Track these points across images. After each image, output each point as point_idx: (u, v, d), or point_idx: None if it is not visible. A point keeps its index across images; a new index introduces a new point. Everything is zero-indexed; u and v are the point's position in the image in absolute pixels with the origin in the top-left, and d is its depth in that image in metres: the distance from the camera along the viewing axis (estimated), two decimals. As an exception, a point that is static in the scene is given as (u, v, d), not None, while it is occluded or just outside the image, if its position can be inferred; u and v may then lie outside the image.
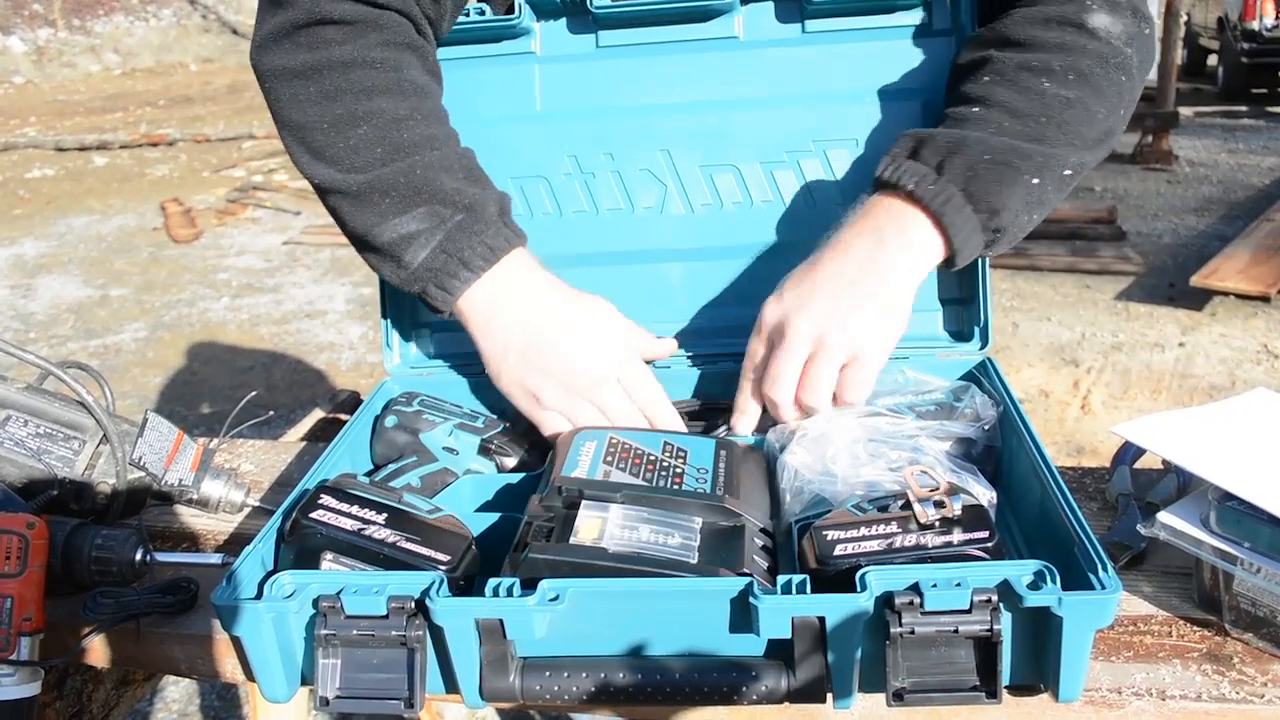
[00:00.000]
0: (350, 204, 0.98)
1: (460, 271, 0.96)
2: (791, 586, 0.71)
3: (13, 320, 5.38)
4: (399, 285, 1.00)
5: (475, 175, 1.01)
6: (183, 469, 1.06)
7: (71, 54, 17.02)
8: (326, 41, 0.97)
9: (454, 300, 0.98)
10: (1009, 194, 0.91)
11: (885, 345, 0.94)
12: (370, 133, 0.97)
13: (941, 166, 0.91)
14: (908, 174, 0.92)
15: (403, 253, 0.97)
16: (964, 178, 0.91)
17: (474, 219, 0.97)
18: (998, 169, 0.91)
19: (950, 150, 0.92)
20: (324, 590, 0.73)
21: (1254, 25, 9.70)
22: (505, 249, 0.98)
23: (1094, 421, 3.61)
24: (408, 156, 0.97)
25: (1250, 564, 0.80)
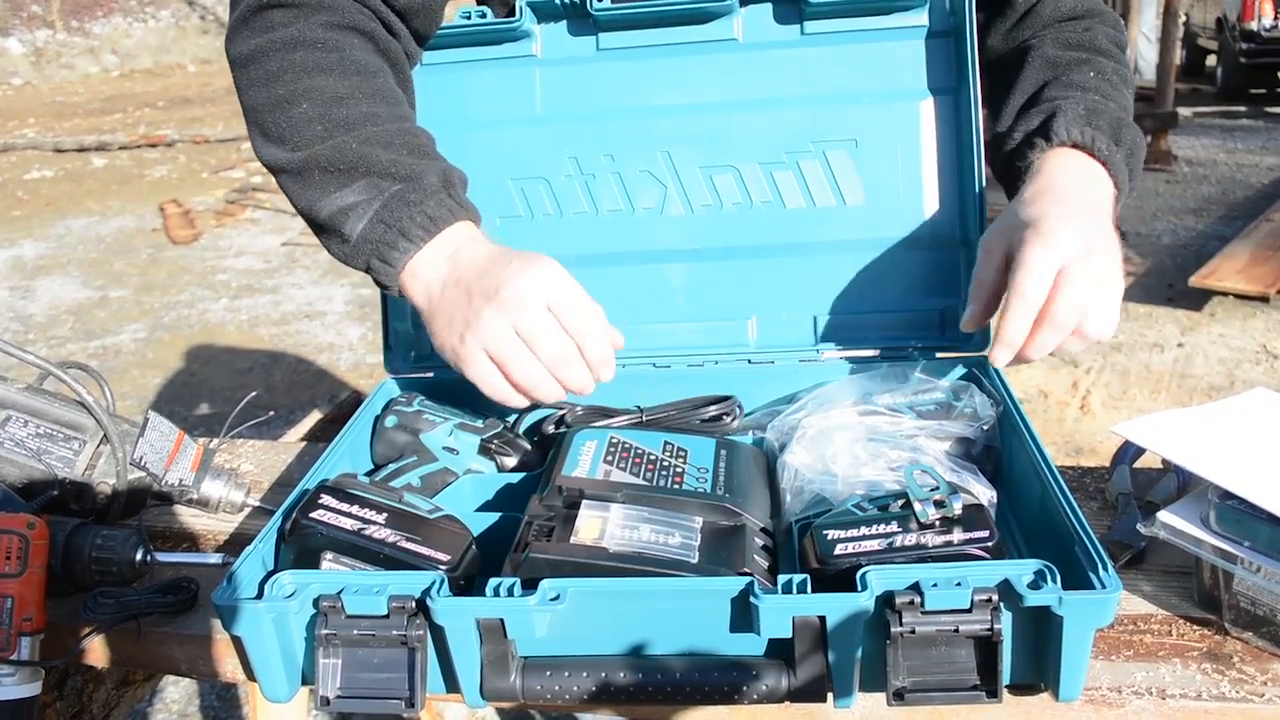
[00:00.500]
0: (294, 182, 0.97)
1: (399, 241, 0.93)
2: (792, 586, 0.72)
3: (12, 321, 5.38)
4: (345, 261, 0.98)
5: (420, 150, 0.99)
6: (183, 469, 1.06)
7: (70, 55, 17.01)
8: (273, 25, 0.99)
9: (396, 272, 0.94)
10: (1137, 180, 1.06)
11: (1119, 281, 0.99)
12: (310, 110, 0.96)
13: (1118, 138, 1.02)
14: (1099, 141, 1.01)
15: (342, 225, 0.95)
16: (1130, 152, 1.03)
17: (412, 189, 0.94)
18: (1140, 152, 1.05)
19: (1118, 125, 1.03)
20: (325, 590, 0.73)
21: (1253, 26, 9.70)
22: (448, 219, 0.94)
23: (1093, 422, 3.61)
24: (346, 132, 0.95)
25: (1250, 563, 0.80)
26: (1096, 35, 1.10)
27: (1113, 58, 1.10)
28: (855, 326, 1.10)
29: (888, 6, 1.06)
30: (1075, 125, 1.02)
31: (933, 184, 1.09)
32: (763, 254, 1.11)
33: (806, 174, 1.10)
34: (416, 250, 0.93)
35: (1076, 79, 1.07)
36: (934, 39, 1.08)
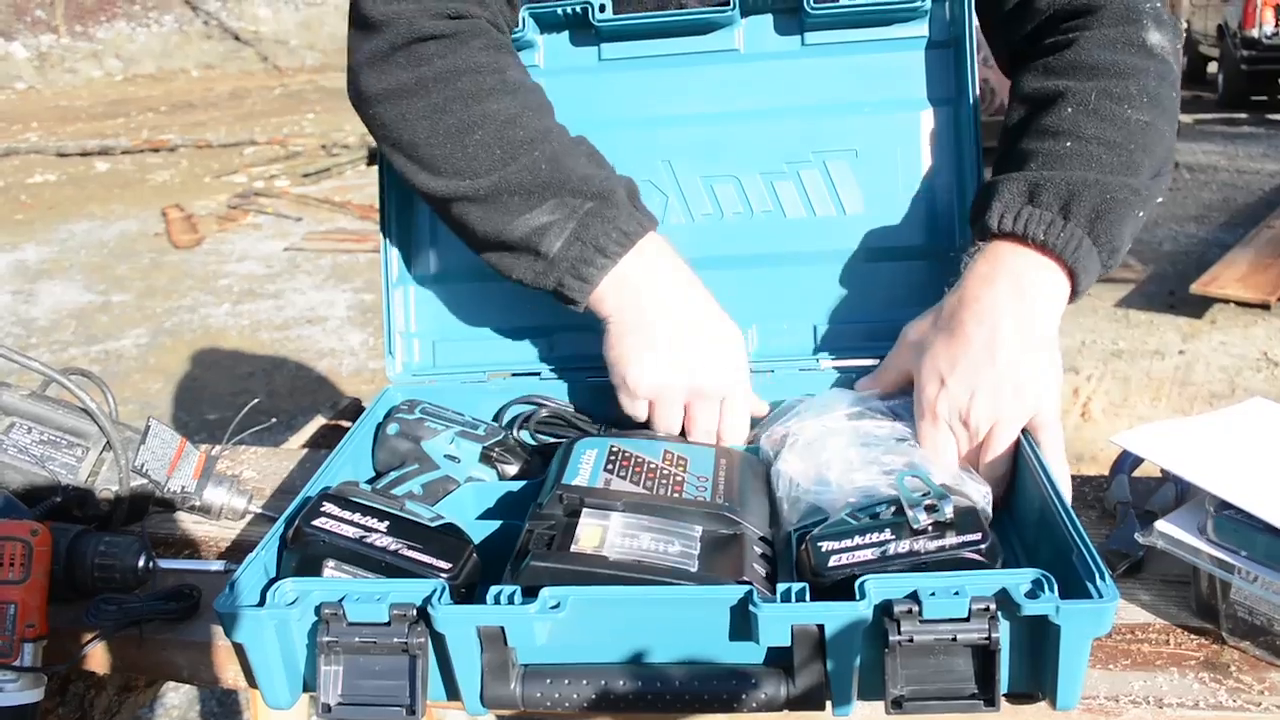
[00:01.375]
0: (479, 209, 0.98)
1: (596, 259, 0.96)
2: (791, 595, 0.72)
3: (14, 326, 5.39)
4: (533, 283, 0.99)
5: (598, 160, 1.01)
6: (185, 476, 1.07)
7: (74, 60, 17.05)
8: (428, 57, 0.98)
9: (591, 289, 0.97)
10: (1125, 232, 0.93)
11: (1058, 397, 0.95)
12: (486, 136, 0.97)
13: (1067, 212, 0.91)
14: (1034, 222, 0.91)
15: (538, 245, 0.96)
16: (1089, 222, 0.91)
17: (605, 205, 0.96)
18: (1116, 209, 0.91)
19: (1070, 194, 0.91)
20: (326, 597, 0.73)
21: (1254, 33, 9.71)
22: (639, 233, 0.97)
23: (1094, 429, 3.61)
24: (529, 152, 0.97)
25: (1247, 572, 0.80)
26: (1086, 50, 0.97)
27: (1104, 74, 0.95)
28: (855, 336, 1.10)
29: (888, 18, 1.07)
30: (1010, 210, 0.92)
31: (932, 194, 1.10)
32: (763, 263, 1.12)
33: (807, 184, 1.11)
34: (614, 265, 0.96)
35: (1047, 123, 0.96)
36: (933, 50, 1.08)
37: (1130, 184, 0.92)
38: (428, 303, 1.16)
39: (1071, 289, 0.94)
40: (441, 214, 1.03)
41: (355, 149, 9.30)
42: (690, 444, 0.96)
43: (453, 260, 1.15)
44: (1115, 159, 0.92)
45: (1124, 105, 0.94)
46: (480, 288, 1.15)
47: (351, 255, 6.27)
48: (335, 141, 9.76)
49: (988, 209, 0.94)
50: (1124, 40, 0.96)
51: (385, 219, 1.15)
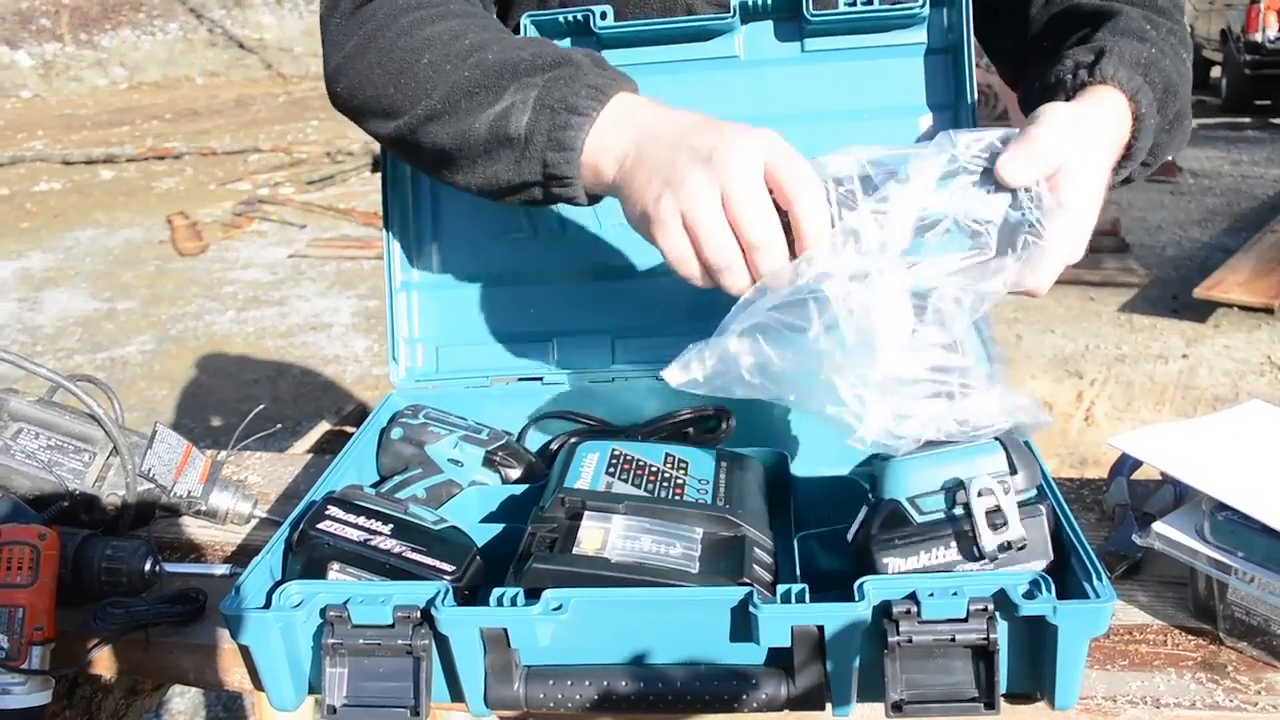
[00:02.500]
0: (443, 126, 0.90)
1: (571, 119, 0.84)
2: (791, 596, 0.73)
3: (20, 333, 5.41)
4: (520, 179, 0.88)
5: (553, 44, 0.92)
6: (191, 481, 1.08)
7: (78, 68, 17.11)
8: (372, 13, 0.96)
9: (576, 156, 0.84)
10: (1165, 157, 0.98)
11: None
12: (433, 56, 0.91)
13: (1162, 106, 0.93)
14: (1143, 95, 0.91)
15: (506, 130, 0.86)
16: (1168, 124, 0.95)
17: (565, 69, 0.87)
18: (1180, 130, 0.97)
19: (1167, 92, 0.93)
20: (331, 600, 0.74)
21: (1257, 37, 9.71)
22: (612, 87, 0.85)
23: (1098, 433, 3.61)
24: (478, 53, 0.90)
25: (1244, 573, 0.81)
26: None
27: (1168, 15, 1.00)
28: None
29: (886, 24, 1.07)
30: (1124, 69, 0.90)
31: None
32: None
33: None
34: (591, 122, 0.84)
35: (1133, 27, 0.96)
36: (932, 56, 1.09)
37: (1187, 119, 0.99)
38: (431, 308, 1.16)
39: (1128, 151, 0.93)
40: (425, 165, 0.97)
41: (359, 156, 9.33)
42: (691, 447, 0.96)
43: (456, 265, 1.16)
44: (1186, 90, 0.96)
45: (1183, 49, 0.99)
46: (483, 293, 1.15)
47: (356, 262, 6.29)
48: (339, 148, 9.79)
49: (1103, 57, 0.91)
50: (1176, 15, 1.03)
51: (388, 225, 1.16)
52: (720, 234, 0.77)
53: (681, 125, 0.82)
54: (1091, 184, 0.82)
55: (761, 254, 0.77)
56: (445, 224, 1.16)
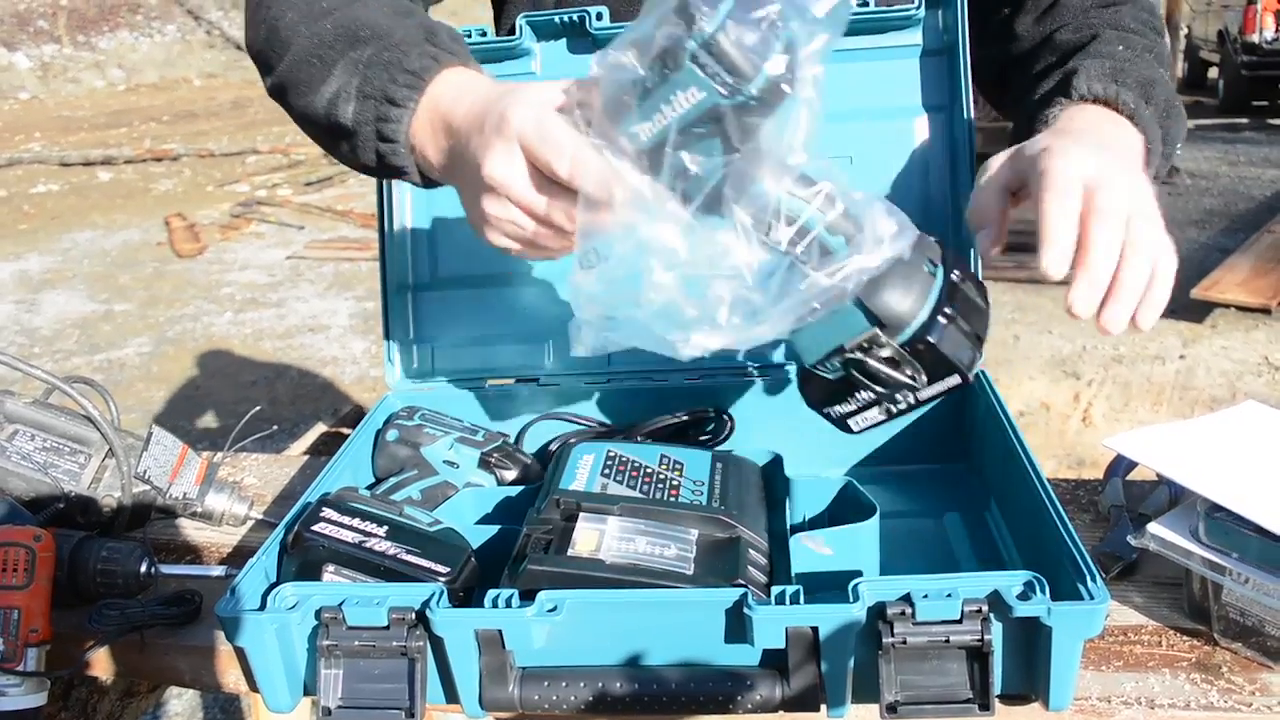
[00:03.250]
0: (291, 95, 0.89)
1: (390, 111, 0.81)
2: (785, 597, 0.73)
3: (17, 335, 5.40)
4: (366, 165, 0.87)
5: (400, 10, 0.88)
6: (187, 483, 1.08)
7: (76, 70, 17.10)
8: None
9: (404, 148, 0.82)
10: (1177, 141, 0.98)
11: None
12: (294, 16, 0.90)
13: (1147, 97, 0.93)
14: (1124, 95, 0.91)
15: (337, 118, 0.85)
16: (1161, 112, 0.94)
17: (383, 48, 0.83)
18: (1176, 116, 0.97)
19: (1147, 84, 0.93)
20: (326, 602, 0.74)
21: (1254, 38, 9.73)
22: (433, 69, 0.82)
23: (1095, 434, 3.62)
24: (323, 19, 0.87)
25: (1239, 574, 0.81)
26: (1123, 16, 1.04)
27: (1144, 35, 1.02)
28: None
29: (882, 26, 1.07)
30: (1098, 81, 0.93)
31: (927, 199, 1.11)
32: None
33: (802, 190, 1.11)
34: (410, 114, 0.82)
35: (1104, 49, 0.99)
36: (927, 57, 1.09)
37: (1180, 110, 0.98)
38: (426, 309, 1.16)
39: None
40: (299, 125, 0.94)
41: (357, 157, 9.32)
42: (687, 448, 0.96)
43: (451, 267, 1.16)
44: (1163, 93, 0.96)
45: (1159, 65, 0.99)
46: (479, 294, 1.15)
47: (354, 263, 6.28)
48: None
49: (1071, 80, 0.93)
50: (1152, 24, 1.04)
51: (383, 226, 1.16)
52: (519, 228, 0.77)
53: (462, 126, 0.78)
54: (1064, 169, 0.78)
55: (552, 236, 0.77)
56: (441, 225, 1.16)
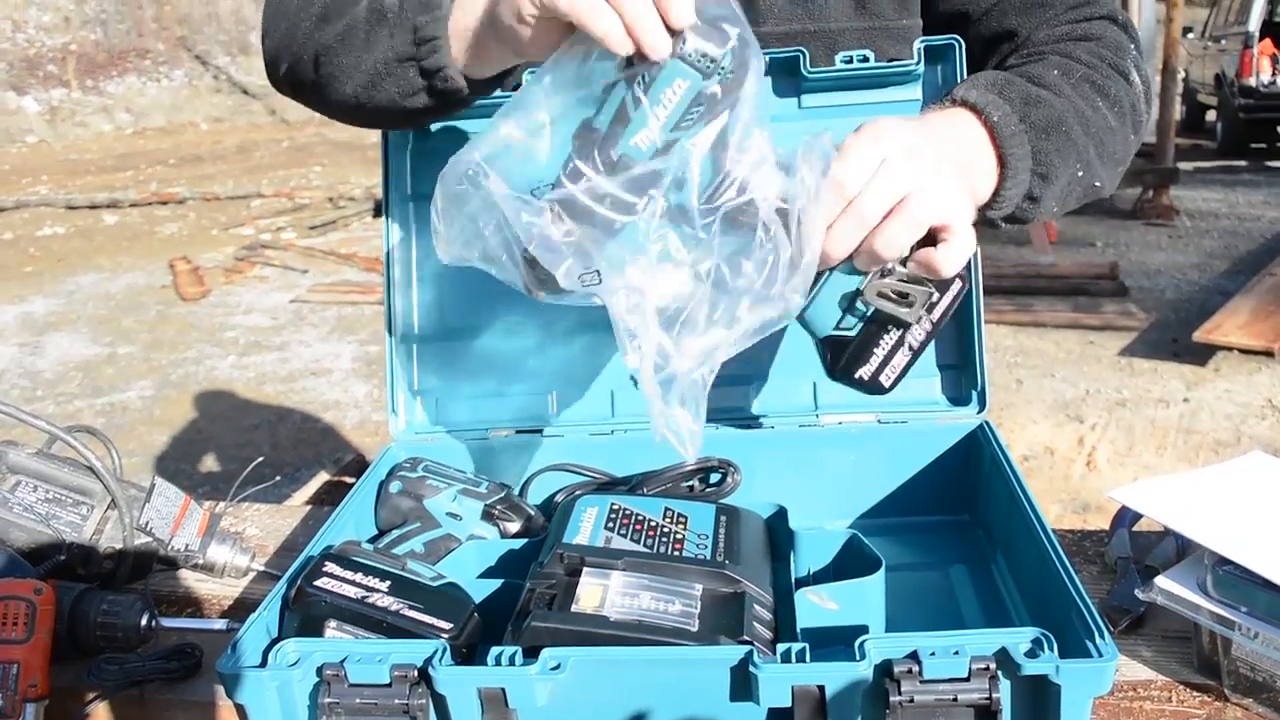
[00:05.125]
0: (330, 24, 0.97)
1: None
2: (791, 655, 0.72)
3: (20, 378, 5.41)
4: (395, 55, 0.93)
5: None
6: (189, 534, 1.07)
7: (84, 114, 17.27)
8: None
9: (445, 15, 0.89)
10: (1061, 167, 0.95)
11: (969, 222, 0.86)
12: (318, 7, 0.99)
13: (1024, 115, 0.92)
14: (994, 106, 0.91)
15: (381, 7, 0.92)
16: (1037, 133, 0.93)
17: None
18: (1062, 139, 0.94)
19: (1032, 101, 0.94)
20: (328, 658, 0.74)
21: (1251, 81, 9.83)
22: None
23: (1100, 478, 3.61)
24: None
25: (1248, 629, 0.80)
26: (1078, 49, 1.03)
27: (1090, 66, 1.01)
28: (854, 391, 1.10)
29: (882, 81, 1.08)
30: (974, 89, 0.92)
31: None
32: (763, 319, 1.13)
33: (805, 241, 1.12)
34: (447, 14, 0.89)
35: (1028, 70, 0.99)
36: (928, 110, 1.10)
37: (1081, 137, 0.96)
38: (431, 360, 1.17)
39: (995, 191, 0.92)
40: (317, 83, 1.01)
41: (361, 201, 9.38)
42: (691, 501, 0.96)
43: (456, 317, 1.16)
44: (1080, 121, 0.96)
45: (1098, 95, 0.99)
46: (482, 345, 1.16)
47: (357, 307, 6.30)
48: (341, 194, 9.86)
49: (955, 85, 0.95)
50: (1112, 62, 1.03)
51: (389, 275, 1.16)
52: None
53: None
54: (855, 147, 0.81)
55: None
56: (446, 275, 1.16)
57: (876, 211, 0.80)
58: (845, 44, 1.09)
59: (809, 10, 1.12)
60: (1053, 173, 0.95)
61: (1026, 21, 1.08)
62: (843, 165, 0.80)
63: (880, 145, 0.81)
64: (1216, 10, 11.50)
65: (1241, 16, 10.17)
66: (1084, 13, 1.08)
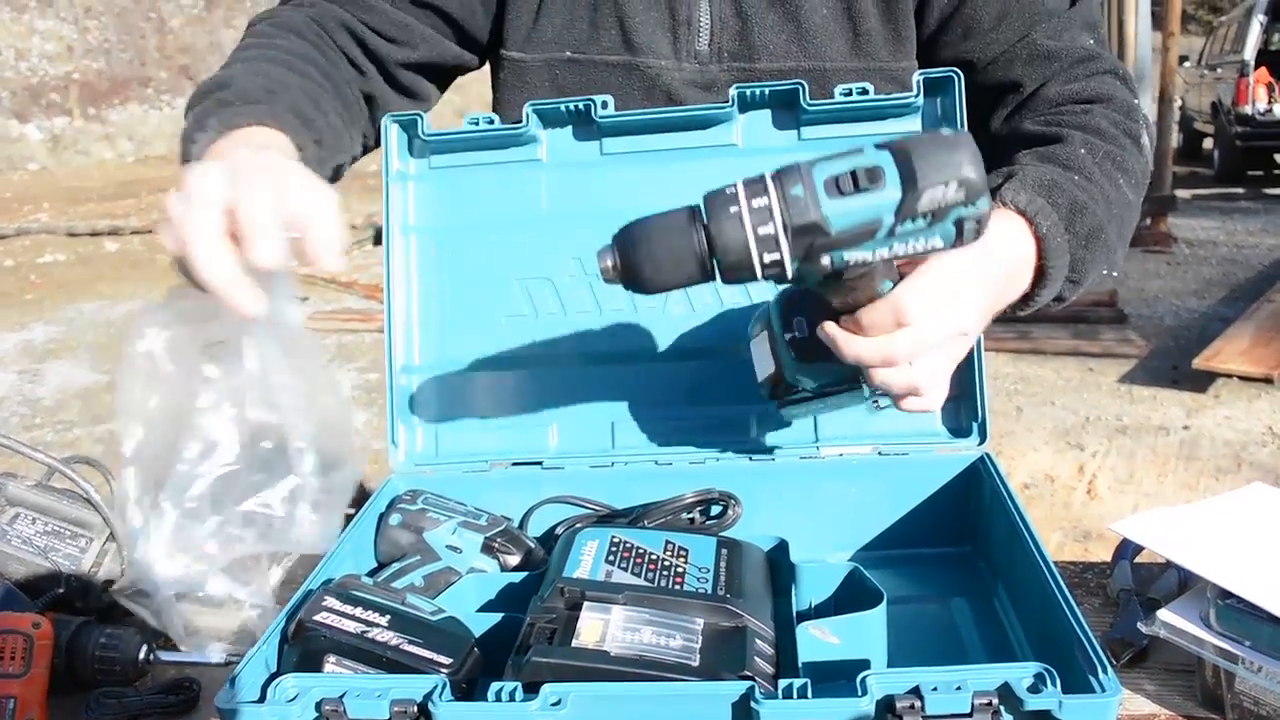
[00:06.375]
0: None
1: (196, 135, 0.95)
2: (793, 691, 0.72)
3: (20, 406, 5.41)
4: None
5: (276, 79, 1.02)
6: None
7: (86, 142, 17.34)
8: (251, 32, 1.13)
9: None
10: (1092, 273, 0.98)
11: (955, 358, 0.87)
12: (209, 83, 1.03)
13: (1070, 224, 0.94)
14: (1044, 216, 0.93)
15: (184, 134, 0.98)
16: (1079, 243, 0.95)
17: (224, 100, 0.97)
18: (1099, 247, 0.96)
19: (1076, 210, 0.95)
20: (327, 694, 0.73)
21: (1247, 110, 9.89)
22: (242, 122, 0.94)
23: (1101, 505, 3.60)
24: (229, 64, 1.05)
25: (1251, 663, 0.80)
26: (1095, 117, 1.04)
27: (1112, 140, 1.03)
28: (854, 423, 1.11)
29: (881, 113, 1.09)
30: (1024, 191, 0.94)
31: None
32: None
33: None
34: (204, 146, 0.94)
35: (1060, 153, 1.01)
36: (927, 143, 1.11)
37: (1114, 238, 0.98)
38: (431, 391, 1.17)
39: (1029, 294, 0.95)
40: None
41: (362, 229, 9.39)
42: (692, 534, 0.96)
43: (456, 348, 1.16)
44: (1108, 209, 0.98)
45: (1119, 173, 1.01)
46: (483, 377, 1.16)
47: (357, 335, 6.30)
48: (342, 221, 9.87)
49: (1009, 180, 0.96)
50: (1126, 127, 1.05)
51: (390, 307, 1.16)
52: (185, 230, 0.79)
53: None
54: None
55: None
56: (446, 306, 1.17)
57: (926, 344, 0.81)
58: (840, 84, 1.10)
59: (804, 49, 1.13)
60: (1085, 278, 0.97)
61: (1032, 73, 1.09)
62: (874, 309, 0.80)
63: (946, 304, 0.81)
64: (1212, 39, 11.59)
65: (1237, 45, 10.24)
66: (1090, 67, 1.08)
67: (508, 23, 1.19)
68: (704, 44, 1.14)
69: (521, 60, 1.18)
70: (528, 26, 1.17)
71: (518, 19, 1.18)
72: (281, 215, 0.78)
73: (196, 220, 0.77)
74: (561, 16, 1.16)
